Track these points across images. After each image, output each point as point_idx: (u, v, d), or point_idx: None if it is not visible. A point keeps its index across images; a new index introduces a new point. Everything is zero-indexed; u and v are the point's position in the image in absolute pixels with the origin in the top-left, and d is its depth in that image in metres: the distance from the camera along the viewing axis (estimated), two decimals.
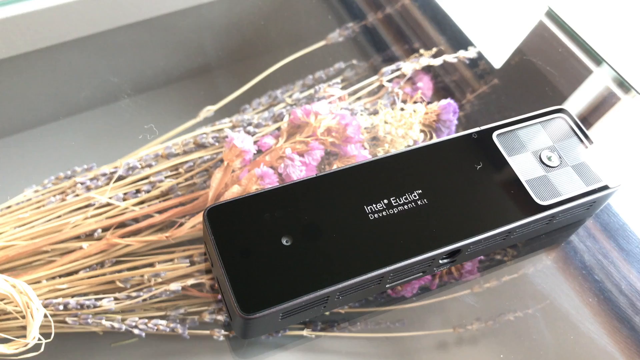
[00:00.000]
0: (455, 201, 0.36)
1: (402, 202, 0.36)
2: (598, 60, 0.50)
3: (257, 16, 0.55)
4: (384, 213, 0.35)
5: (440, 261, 0.36)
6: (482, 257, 0.41)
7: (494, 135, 0.39)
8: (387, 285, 0.35)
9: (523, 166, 0.38)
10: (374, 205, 0.35)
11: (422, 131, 0.47)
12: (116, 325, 0.38)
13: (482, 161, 0.38)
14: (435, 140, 0.39)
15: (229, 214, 0.33)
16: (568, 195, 0.38)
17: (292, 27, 0.55)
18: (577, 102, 0.50)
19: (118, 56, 0.51)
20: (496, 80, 0.51)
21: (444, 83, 0.51)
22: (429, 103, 0.49)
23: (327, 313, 0.39)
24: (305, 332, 0.38)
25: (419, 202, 0.36)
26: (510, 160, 0.38)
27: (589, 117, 0.49)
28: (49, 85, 0.49)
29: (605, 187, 0.38)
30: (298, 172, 0.44)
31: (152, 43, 0.52)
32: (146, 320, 0.38)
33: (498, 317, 0.39)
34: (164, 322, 0.38)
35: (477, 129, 0.39)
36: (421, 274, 0.36)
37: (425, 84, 0.51)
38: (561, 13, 0.53)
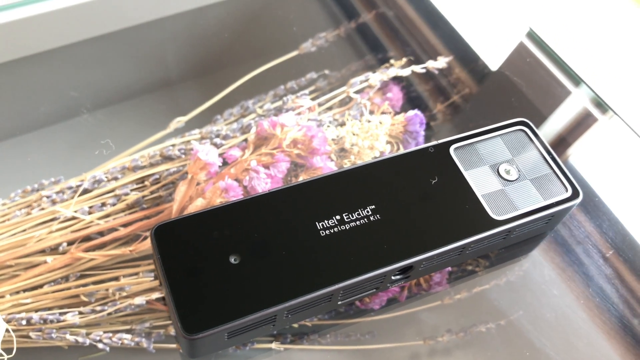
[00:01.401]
0: (408, 217, 0.35)
1: (355, 217, 0.35)
2: (577, 80, 0.49)
3: (225, 27, 0.54)
4: (335, 229, 0.34)
5: (393, 277, 0.35)
6: (451, 268, 0.40)
7: (451, 149, 0.38)
8: (339, 302, 0.34)
9: (480, 180, 0.37)
10: (326, 222, 0.35)
11: (389, 142, 0.47)
12: (80, 339, 0.37)
13: (438, 176, 0.37)
14: (390, 154, 0.38)
15: (177, 232, 0.33)
16: (525, 210, 0.37)
17: (265, 36, 0.54)
18: (555, 121, 0.49)
19: (89, 68, 0.50)
20: (472, 97, 0.50)
21: (417, 93, 0.50)
22: (397, 114, 0.48)
23: (295, 325, 0.38)
24: (274, 345, 0.38)
25: (371, 218, 0.35)
26: (467, 174, 0.38)
27: (566, 136, 0.48)
28: (13, 100, 0.48)
29: (565, 201, 0.37)
30: (263, 184, 0.43)
31: (121, 56, 0.51)
32: (110, 335, 0.37)
33: (469, 329, 0.38)
34: (128, 336, 0.38)
35: (434, 142, 0.38)
36: (374, 290, 0.35)
37: (395, 95, 0.50)
38: (542, 34, 0.52)
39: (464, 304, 0.39)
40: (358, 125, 0.47)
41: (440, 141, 0.38)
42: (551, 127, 0.48)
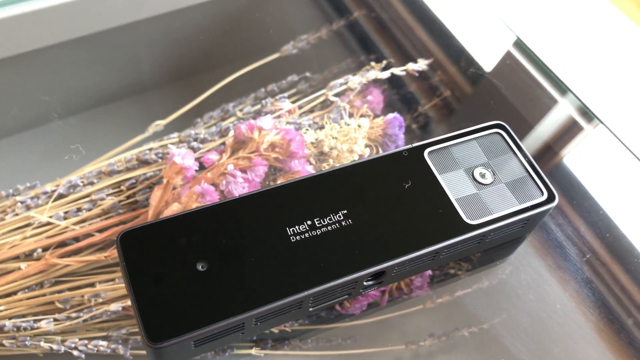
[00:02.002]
0: (380, 222, 0.34)
1: (326, 223, 0.34)
2: (563, 89, 0.48)
3: (207, 29, 0.53)
4: (306, 235, 0.34)
5: (365, 283, 0.34)
6: (432, 272, 0.40)
7: (426, 152, 0.38)
8: (311, 309, 0.34)
9: (454, 184, 0.37)
10: (297, 227, 0.34)
11: (368, 146, 0.46)
12: (55, 347, 0.37)
13: (412, 180, 0.36)
14: (363, 158, 0.37)
15: (143, 238, 0.32)
16: (499, 214, 0.36)
17: (247, 39, 0.53)
18: (541, 129, 0.48)
19: (68, 72, 0.49)
20: (455, 101, 0.49)
21: (400, 96, 0.49)
22: (377, 117, 0.47)
23: (275, 330, 0.37)
24: (254, 351, 0.37)
25: (343, 223, 0.34)
26: (441, 178, 0.37)
27: (551, 144, 0.47)
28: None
29: (540, 205, 0.37)
30: (240, 188, 0.43)
31: (100, 59, 0.50)
32: (86, 342, 0.37)
33: (451, 333, 0.38)
34: (105, 342, 0.37)
35: (409, 146, 0.38)
36: (347, 296, 0.35)
37: (376, 98, 0.49)
38: (529, 43, 0.51)
39: (445, 308, 0.39)
40: (337, 128, 0.46)
41: (414, 145, 0.37)
42: (537, 135, 0.47)
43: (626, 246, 0.41)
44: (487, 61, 0.51)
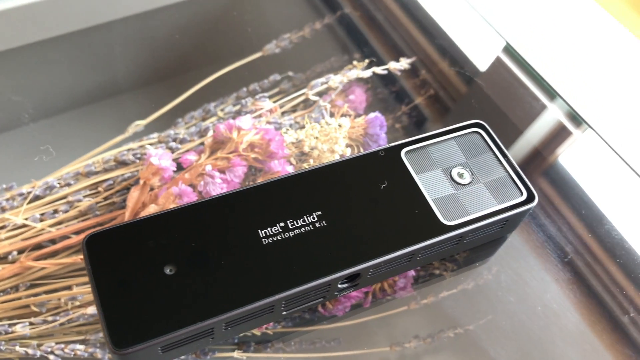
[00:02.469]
0: (355, 223, 0.33)
1: (299, 224, 0.33)
2: (552, 94, 0.47)
3: (189, 28, 0.52)
4: (278, 237, 0.33)
5: (340, 285, 0.33)
6: (415, 272, 0.39)
7: (403, 152, 0.36)
8: (284, 313, 0.33)
9: (431, 184, 0.36)
10: (269, 229, 0.33)
11: (349, 146, 0.45)
12: (31, 351, 0.36)
13: (388, 180, 0.35)
14: (339, 159, 0.36)
15: (110, 241, 0.31)
16: (477, 214, 0.35)
17: (229, 38, 0.52)
18: (530, 133, 0.47)
19: (47, 72, 0.48)
20: (440, 102, 0.48)
21: (384, 95, 0.48)
22: (358, 116, 0.46)
23: (257, 333, 0.36)
24: (236, 354, 0.36)
25: (317, 225, 0.33)
26: (418, 178, 0.36)
27: (540, 148, 0.46)
28: None
29: (519, 205, 0.36)
30: (219, 189, 0.42)
31: (84, 59, 0.49)
32: (63, 345, 0.36)
33: (437, 335, 0.37)
34: (82, 346, 0.36)
35: (385, 146, 0.36)
36: (321, 299, 0.34)
37: (358, 97, 0.48)
38: (518, 48, 0.50)
39: (430, 309, 0.38)
40: (317, 128, 0.45)
41: (391, 144, 0.36)
42: (526, 139, 0.46)
43: (608, 247, 0.40)
44: (476, 65, 0.50)
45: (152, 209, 0.41)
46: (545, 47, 0.51)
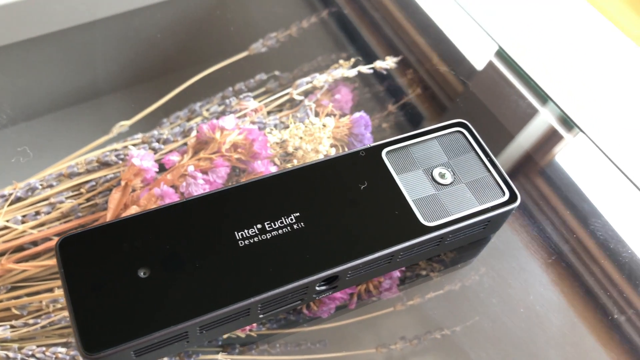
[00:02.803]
0: (333, 224, 0.33)
1: (277, 226, 0.32)
2: (544, 98, 0.46)
3: (175, 28, 0.51)
4: (255, 239, 0.32)
5: (318, 288, 0.33)
6: (399, 273, 0.38)
7: (383, 152, 0.36)
8: (261, 316, 0.32)
9: (412, 185, 0.35)
10: (246, 231, 0.32)
11: (333, 145, 0.44)
12: (11, 354, 0.35)
13: (368, 180, 0.34)
14: (319, 159, 0.35)
15: (83, 244, 0.31)
16: (458, 215, 0.34)
17: (215, 37, 0.51)
18: (522, 136, 0.47)
19: (31, 72, 0.48)
20: (427, 102, 0.48)
21: (372, 95, 0.47)
22: (344, 116, 0.45)
23: (242, 335, 0.36)
24: (220, 356, 0.36)
25: (295, 226, 0.33)
26: (399, 178, 0.35)
27: (532, 152, 0.45)
28: None
29: (501, 205, 0.35)
30: (201, 190, 0.41)
31: (69, 59, 0.49)
32: (44, 349, 0.35)
33: (423, 336, 0.36)
34: (64, 349, 0.36)
35: (366, 146, 0.36)
36: (299, 302, 0.33)
37: (344, 96, 0.47)
38: (510, 51, 0.49)
39: (417, 310, 0.37)
40: (302, 128, 0.44)
41: (371, 144, 0.36)
42: (517, 142, 0.45)
43: (591, 248, 0.39)
44: (468, 67, 0.50)
45: (133, 211, 0.41)
46: (537, 50, 0.51)
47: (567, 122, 0.47)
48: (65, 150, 0.44)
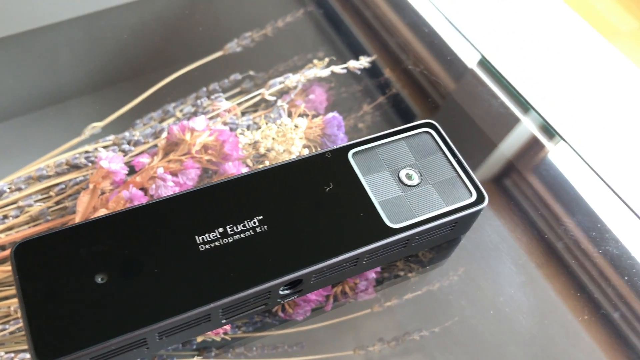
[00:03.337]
0: (297, 228, 0.32)
1: (239, 230, 0.32)
2: (526, 107, 0.45)
3: (149, 28, 0.51)
4: (217, 243, 0.31)
5: (281, 292, 0.32)
6: (375, 274, 0.38)
7: (350, 153, 0.35)
8: (223, 321, 0.31)
9: (378, 186, 0.34)
10: (207, 235, 0.31)
11: (306, 146, 0.43)
12: None
13: (334, 182, 0.34)
14: (284, 161, 0.34)
15: (40, 250, 0.30)
16: (425, 217, 0.33)
17: (189, 37, 0.50)
18: (504, 146, 0.46)
19: (4, 72, 0.47)
20: (403, 101, 0.47)
21: (348, 95, 0.47)
22: (316, 116, 0.44)
23: (217, 339, 0.35)
24: None
25: (258, 230, 0.32)
26: (365, 180, 0.34)
27: (508, 157, 0.45)
28: None
29: (468, 206, 0.34)
30: (170, 192, 0.40)
31: (40, 59, 0.48)
32: (13, 355, 0.35)
33: (401, 338, 0.35)
34: None
35: (332, 147, 0.35)
36: (263, 306, 0.32)
37: (318, 97, 0.46)
38: (492, 60, 0.48)
39: (394, 311, 0.37)
40: (274, 128, 0.43)
41: (337, 146, 0.35)
42: (494, 145, 0.45)
43: (562, 250, 0.38)
44: (449, 77, 0.49)
45: (102, 214, 0.40)
46: (519, 59, 0.50)
47: (547, 129, 0.46)
48: (36, 153, 0.43)
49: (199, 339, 0.35)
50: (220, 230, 0.32)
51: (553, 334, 0.36)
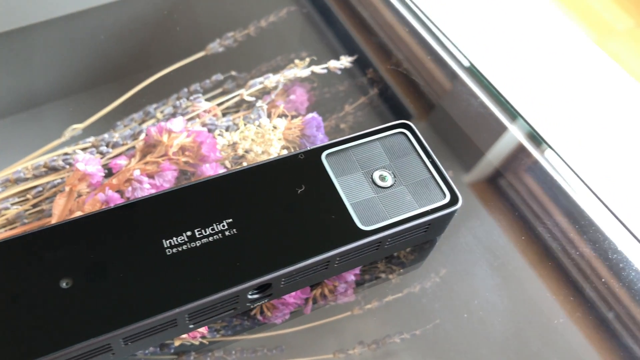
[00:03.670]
0: (267, 231, 0.31)
1: (208, 233, 0.31)
2: (506, 107, 0.45)
3: (130, 29, 0.50)
4: (184, 247, 0.31)
5: (250, 296, 0.31)
6: (354, 277, 0.37)
7: (323, 155, 0.34)
8: (191, 326, 0.31)
9: (351, 188, 0.34)
10: (174, 239, 0.31)
11: (285, 147, 0.43)
12: None
13: (306, 184, 0.33)
14: (255, 163, 0.34)
15: (3, 255, 0.29)
16: (397, 218, 0.33)
17: (172, 38, 0.50)
18: (485, 147, 0.45)
19: None
20: (389, 101, 0.46)
21: (331, 95, 0.46)
22: (295, 117, 0.44)
23: (196, 342, 0.35)
24: None
25: (226, 233, 0.31)
26: (338, 182, 0.34)
27: (500, 167, 0.44)
28: None
29: (442, 208, 0.33)
30: (147, 195, 0.40)
31: (21, 59, 0.47)
32: None
33: (382, 340, 0.35)
34: None
35: (306, 148, 0.34)
36: (232, 310, 0.32)
37: (299, 97, 0.46)
38: (480, 68, 0.48)
39: (375, 314, 0.36)
40: (252, 129, 0.43)
41: (311, 147, 0.34)
42: (480, 152, 0.44)
43: (538, 251, 0.38)
44: (437, 83, 0.48)
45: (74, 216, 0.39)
46: (507, 67, 0.49)
47: (529, 132, 0.45)
48: (16, 156, 0.43)
49: (177, 342, 0.35)
50: (189, 233, 0.32)
51: (527, 339, 0.35)
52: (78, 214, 0.40)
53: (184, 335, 0.35)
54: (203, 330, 0.35)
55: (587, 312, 0.36)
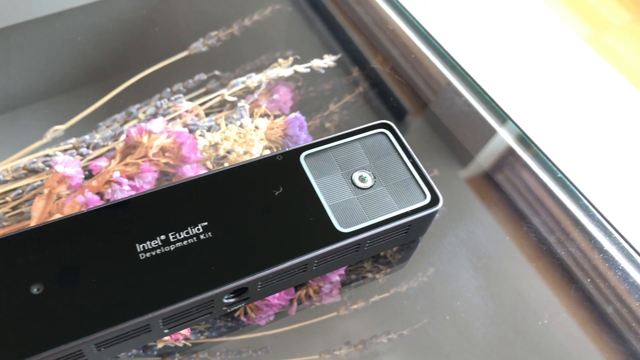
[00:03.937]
0: (244, 234, 0.31)
1: (182, 237, 0.30)
2: (499, 113, 0.44)
3: (111, 28, 0.49)
4: (158, 251, 0.30)
5: (226, 300, 0.30)
6: (339, 277, 0.37)
7: (302, 156, 0.34)
8: (165, 331, 0.30)
9: (330, 189, 0.33)
10: (148, 243, 0.30)
11: (268, 147, 0.42)
12: None
13: (284, 186, 0.32)
14: (232, 165, 0.33)
15: None
16: (376, 220, 0.32)
17: (154, 37, 0.49)
18: (470, 146, 0.44)
19: None
20: (375, 102, 0.46)
21: (316, 94, 0.45)
22: (277, 117, 0.43)
23: (180, 344, 0.34)
24: None
25: (201, 237, 0.31)
26: (316, 183, 0.33)
27: (490, 171, 0.44)
28: None
29: (422, 209, 0.33)
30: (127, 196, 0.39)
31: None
32: None
33: (368, 341, 0.34)
34: None
35: (284, 149, 0.34)
36: (208, 315, 0.31)
37: (282, 96, 0.45)
38: (470, 71, 0.47)
39: (361, 314, 0.36)
40: (234, 130, 0.42)
41: (289, 148, 0.34)
42: (464, 152, 0.43)
43: (522, 252, 0.37)
44: (426, 86, 0.47)
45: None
46: (493, 65, 0.48)
47: (518, 133, 0.45)
48: None
49: (160, 344, 0.34)
50: (162, 237, 0.31)
51: (510, 341, 0.34)
52: (57, 216, 0.39)
53: (167, 338, 0.34)
54: (186, 332, 0.35)
55: (572, 313, 0.36)
